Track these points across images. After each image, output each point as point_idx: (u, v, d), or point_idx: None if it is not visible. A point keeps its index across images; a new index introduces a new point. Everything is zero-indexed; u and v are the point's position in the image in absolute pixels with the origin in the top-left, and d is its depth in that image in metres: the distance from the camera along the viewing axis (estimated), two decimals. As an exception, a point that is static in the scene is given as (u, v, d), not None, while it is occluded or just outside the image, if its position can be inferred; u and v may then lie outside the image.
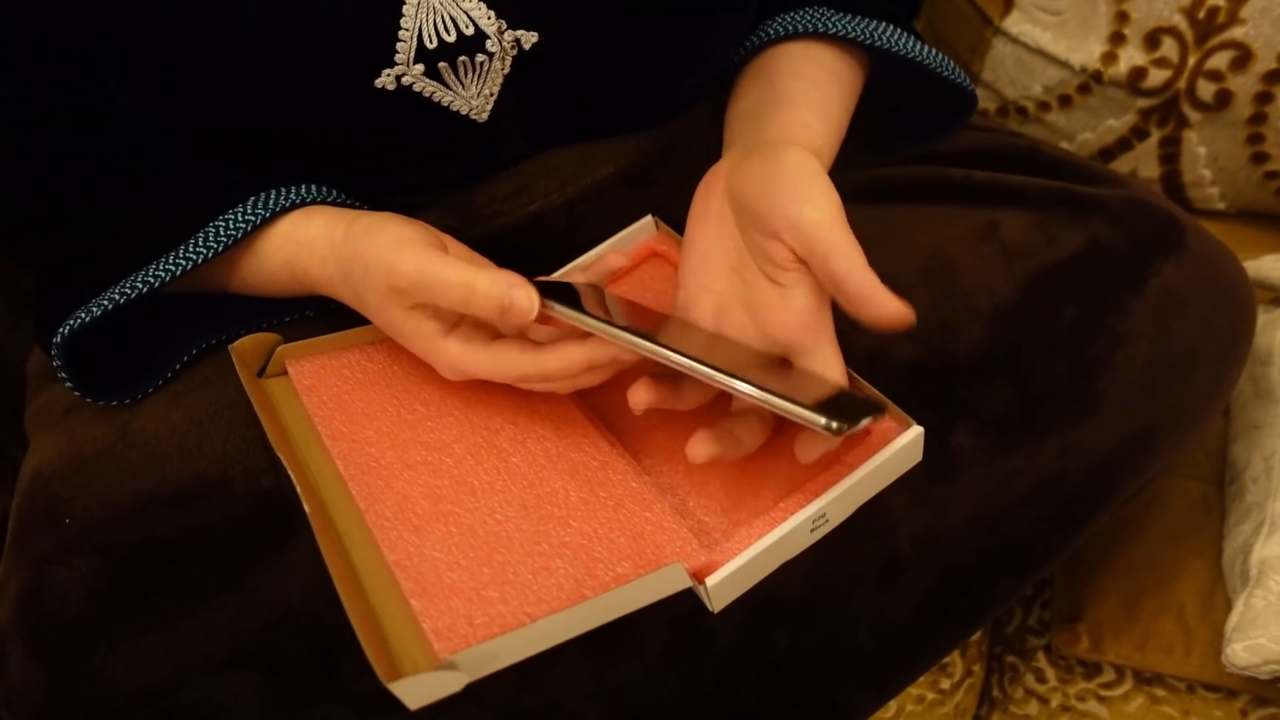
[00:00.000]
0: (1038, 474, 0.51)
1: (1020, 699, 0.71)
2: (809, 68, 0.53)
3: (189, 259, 0.44)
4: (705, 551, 0.39)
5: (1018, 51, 0.80)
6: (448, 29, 0.44)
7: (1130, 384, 0.52)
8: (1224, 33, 0.71)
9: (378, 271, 0.41)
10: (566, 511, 0.41)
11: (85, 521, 0.44)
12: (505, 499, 0.41)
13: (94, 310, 0.45)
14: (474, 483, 0.42)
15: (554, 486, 0.42)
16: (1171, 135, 0.78)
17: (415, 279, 0.40)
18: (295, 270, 0.46)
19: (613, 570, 0.39)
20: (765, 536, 0.39)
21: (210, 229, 0.45)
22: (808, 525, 0.40)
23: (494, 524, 0.40)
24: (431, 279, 0.40)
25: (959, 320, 0.52)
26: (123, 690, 0.41)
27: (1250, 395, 0.68)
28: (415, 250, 0.40)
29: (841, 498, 0.40)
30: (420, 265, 0.40)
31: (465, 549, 0.39)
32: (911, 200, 0.57)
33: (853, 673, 0.49)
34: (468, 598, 0.37)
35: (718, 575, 0.38)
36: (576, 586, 0.38)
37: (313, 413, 0.45)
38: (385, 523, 0.40)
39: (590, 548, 0.39)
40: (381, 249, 0.41)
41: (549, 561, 0.39)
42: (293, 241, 0.46)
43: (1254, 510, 0.63)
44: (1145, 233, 0.55)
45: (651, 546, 0.39)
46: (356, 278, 0.43)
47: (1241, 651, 0.57)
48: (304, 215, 0.46)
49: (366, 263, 0.42)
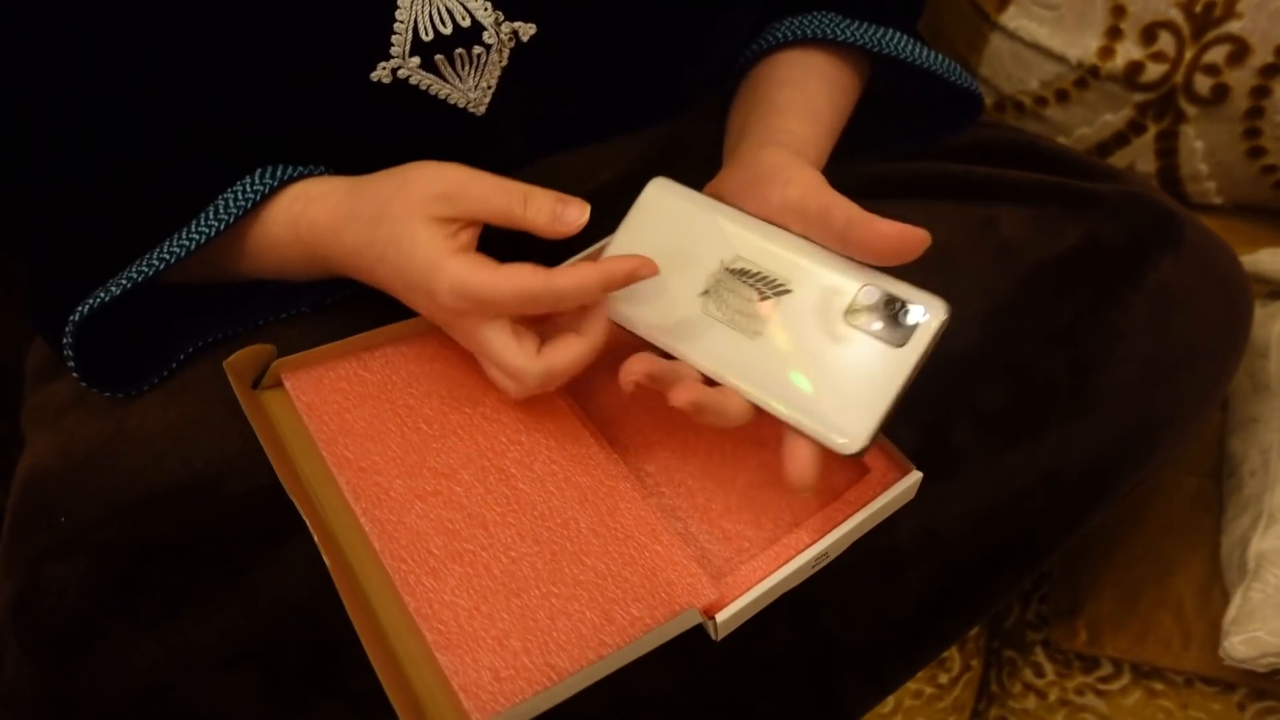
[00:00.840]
0: (1036, 469, 0.51)
1: (1019, 693, 0.71)
2: (797, 73, 0.53)
3: (202, 232, 0.44)
4: (713, 586, 0.40)
5: (1015, 46, 0.80)
6: (444, 21, 0.43)
7: (1129, 379, 0.53)
8: (1220, 27, 0.71)
9: (417, 181, 0.41)
10: (579, 545, 0.41)
11: (80, 520, 0.44)
12: (518, 532, 0.42)
13: (113, 290, 0.44)
14: (486, 515, 0.42)
15: (565, 517, 0.42)
16: (1169, 130, 0.78)
17: (463, 184, 0.40)
18: (299, 229, 0.45)
19: (628, 612, 0.39)
20: (772, 575, 0.40)
21: (220, 201, 0.44)
22: (811, 564, 0.41)
23: (509, 562, 0.41)
24: (480, 185, 0.40)
25: (957, 316, 0.52)
26: (119, 689, 0.40)
27: (1248, 389, 0.68)
28: (460, 169, 0.41)
29: (843, 537, 0.42)
30: (471, 176, 0.40)
31: (485, 593, 0.40)
32: (910, 196, 0.57)
33: (852, 667, 0.50)
34: (491, 649, 0.38)
35: (726, 612, 0.39)
36: (595, 633, 0.39)
37: (316, 435, 0.44)
38: (403, 566, 0.40)
39: (605, 587, 0.40)
40: (424, 168, 0.41)
41: (566, 605, 0.39)
42: (302, 198, 0.45)
43: (1251, 503, 0.63)
44: (1143, 227, 0.55)
45: (664, 584, 0.40)
46: (381, 198, 0.42)
47: (1239, 644, 0.57)
48: (315, 179, 0.46)
49: (406, 176, 0.42)
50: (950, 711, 0.71)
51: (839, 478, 0.44)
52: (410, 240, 0.41)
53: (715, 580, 0.41)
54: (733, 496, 0.44)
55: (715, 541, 0.43)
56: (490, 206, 0.40)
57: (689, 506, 0.44)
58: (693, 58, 0.51)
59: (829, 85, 0.53)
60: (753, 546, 0.42)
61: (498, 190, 0.40)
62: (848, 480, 0.44)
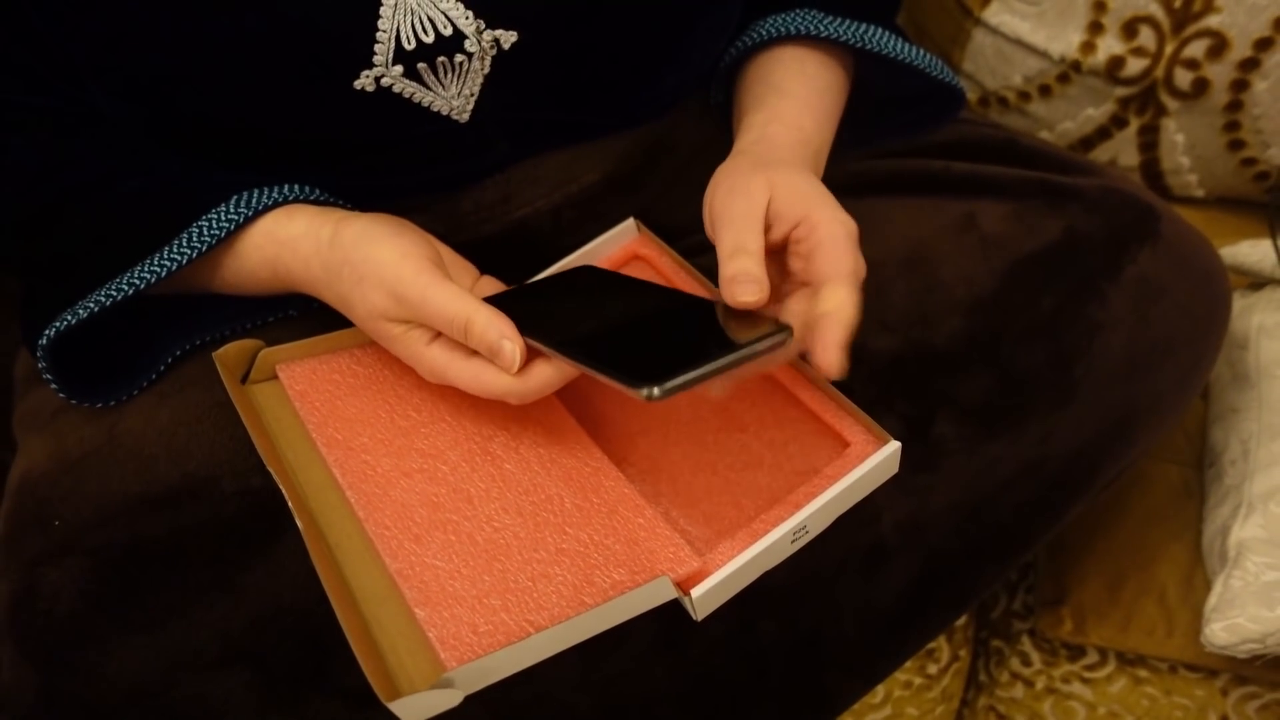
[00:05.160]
0: (1019, 461, 0.52)
1: (1006, 682, 0.72)
2: (779, 70, 0.53)
3: (173, 259, 0.44)
4: (697, 557, 0.40)
5: (997, 42, 0.81)
6: (425, 30, 0.44)
7: (1108, 370, 0.53)
8: (1200, 21, 0.72)
9: (374, 287, 0.42)
10: (562, 518, 0.42)
11: (75, 523, 0.44)
12: (502, 506, 0.42)
13: (79, 313, 0.45)
14: (471, 490, 0.42)
15: (549, 493, 0.43)
16: (1150, 124, 0.79)
17: (416, 305, 0.41)
18: (276, 269, 0.46)
19: (609, 576, 0.39)
20: (748, 549, 0.40)
21: (193, 229, 0.45)
22: (789, 538, 0.41)
23: (492, 531, 0.41)
24: (431, 306, 0.41)
25: (938, 311, 0.52)
26: (115, 689, 0.41)
27: (1228, 379, 0.69)
28: (419, 274, 0.41)
29: (820, 510, 0.41)
30: (422, 292, 0.41)
31: (466, 557, 0.40)
32: (892, 193, 0.58)
33: (839, 659, 0.50)
34: (471, 606, 0.38)
35: (702, 587, 0.39)
36: (575, 593, 0.39)
37: (307, 419, 0.45)
38: (386, 532, 0.40)
39: (587, 554, 0.40)
40: (382, 265, 0.42)
41: (547, 569, 0.39)
42: (274, 240, 0.46)
43: (1232, 493, 0.64)
44: (1121, 221, 0.56)
45: (645, 552, 0.40)
46: (345, 285, 0.43)
47: (1220, 631, 0.58)
48: (285, 214, 0.46)
49: (360, 274, 0.42)
50: (939, 701, 0.72)
51: (821, 456, 0.44)
52: (384, 332, 0.43)
53: (700, 554, 0.41)
54: (714, 480, 0.44)
55: (696, 524, 0.43)
56: (444, 327, 0.41)
57: (671, 492, 0.44)
58: (673, 62, 0.52)
59: (804, 78, 0.54)
60: (733, 527, 0.42)
61: (444, 318, 0.41)
62: (829, 458, 0.44)
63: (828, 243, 0.41)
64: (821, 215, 0.42)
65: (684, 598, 0.39)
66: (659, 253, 0.53)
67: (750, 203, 0.42)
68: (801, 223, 0.42)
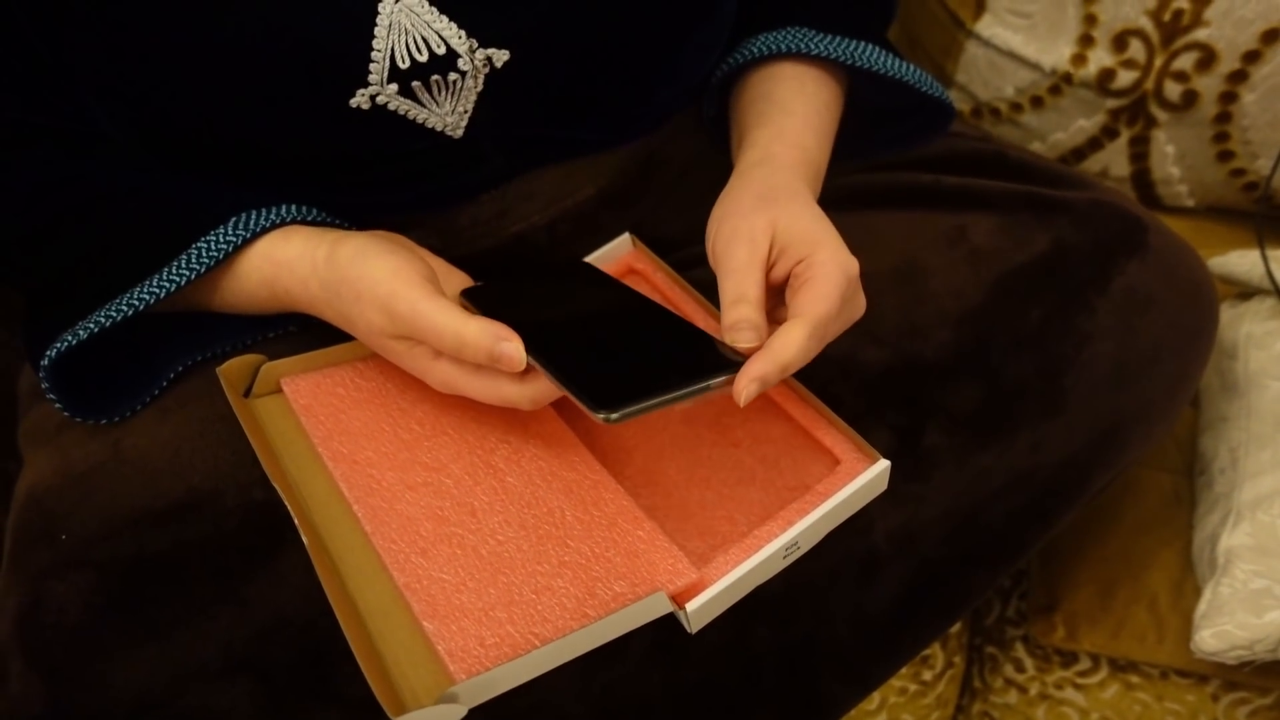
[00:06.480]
0: (1009, 470, 0.52)
1: (1000, 688, 0.73)
2: (780, 87, 0.54)
3: (172, 281, 0.45)
4: (695, 569, 0.41)
5: (990, 54, 0.82)
6: (419, 49, 0.44)
7: (1097, 380, 0.54)
8: (1189, 34, 0.73)
9: (370, 304, 0.42)
10: (564, 531, 0.42)
11: (80, 537, 0.45)
12: (505, 519, 0.43)
13: (80, 334, 0.45)
14: (474, 503, 0.43)
15: (550, 505, 0.43)
16: (1140, 135, 0.79)
17: (408, 321, 0.41)
18: (275, 290, 0.47)
19: (611, 588, 0.40)
20: (741, 564, 0.41)
21: (192, 250, 0.46)
22: (781, 553, 0.42)
23: (496, 544, 0.42)
24: (424, 322, 0.41)
25: (929, 323, 0.53)
26: (121, 701, 0.41)
27: (1217, 388, 0.70)
28: (410, 289, 0.42)
29: (812, 527, 0.42)
30: (413, 308, 0.41)
31: (471, 570, 0.40)
32: (882, 206, 0.59)
33: (834, 666, 0.51)
34: (477, 619, 0.39)
35: (696, 601, 0.40)
36: (578, 606, 0.39)
37: (312, 433, 0.45)
38: (393, 546, 0.41)
39: (589, 566, 0.41)
40: (376, 282, 0.42)
41: (551, 581, 0.40)
42: (271, 261, 0.46)
43: (1221, 501, 0.64)
44: (1109, 233, 0.56)
45: (645, 564, 0.41)
46: (345, 303, 0.44)
47: (1210, 638, 0.58)
48: (282, 235, 0.47)
49: (357, 291, 0.43)
50: (934, 707, 0.73)
51: (812, 473, 0.45)
52: (389, 348, 0.44)
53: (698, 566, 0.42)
54: (708, 494, 0.45)
55: (691, 538, 0.44)
56: (439, 344, 0.42)
57: (666, 505, 0.45)
58: (665, 78, 0.52)
59: (802, 95, 0.54)
60: (727, 541, 0.43)
61: (436, 334, 0.41)
62: (820, 475, 0.45)
63: (814, 282, 0.42)
64: (821, 256, 0.42)
65: (679, 611, 0.40)
66: (653, 267, 0.54)
67: (753, 250, 0.43)
68: (802, 261, 0.43)
